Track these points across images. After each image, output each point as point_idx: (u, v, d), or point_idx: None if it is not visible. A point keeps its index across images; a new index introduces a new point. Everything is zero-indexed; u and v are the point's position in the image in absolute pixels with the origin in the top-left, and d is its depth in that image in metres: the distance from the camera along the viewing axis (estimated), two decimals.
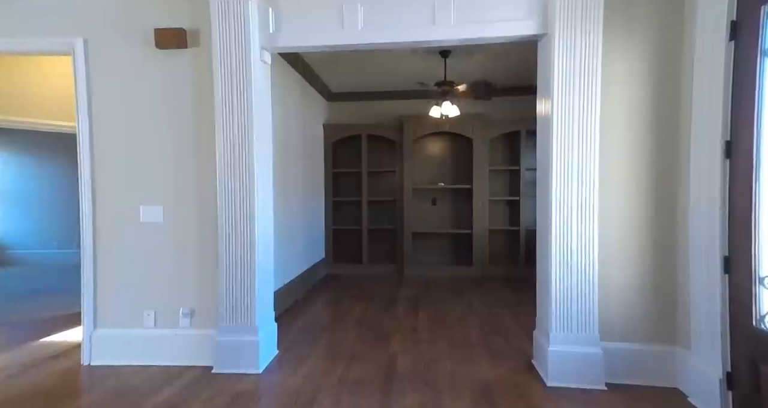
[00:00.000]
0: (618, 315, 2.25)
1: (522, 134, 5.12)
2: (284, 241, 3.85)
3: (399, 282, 4.93)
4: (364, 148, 5.35)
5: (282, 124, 3.81)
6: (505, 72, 4.64)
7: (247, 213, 2.39)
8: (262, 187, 2.48)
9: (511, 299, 4.12)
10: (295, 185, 4.22)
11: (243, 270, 2.38)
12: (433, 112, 4.07)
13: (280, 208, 3.72)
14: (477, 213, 5.18)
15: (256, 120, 2.40)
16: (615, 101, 2.27)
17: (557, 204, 2.27)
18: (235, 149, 2.38)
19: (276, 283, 3.54)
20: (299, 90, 4.39)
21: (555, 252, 2.27)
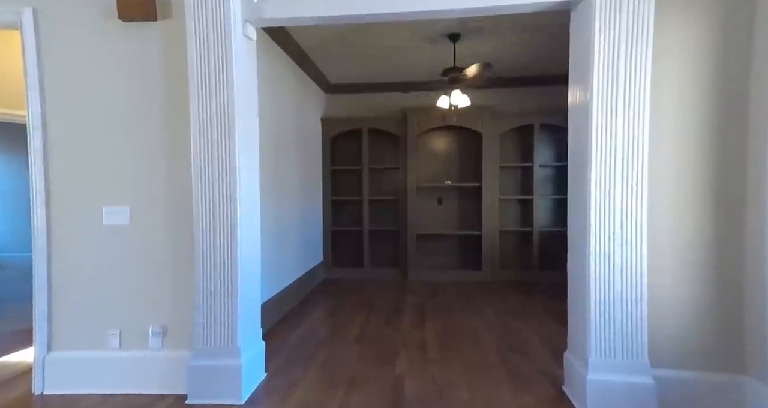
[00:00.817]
0: (672, 337, 1.88)
1: (535, 128, 4.74)
2: (277, 244, 3.48)
3: (403, 287, 4.56)
4: (365, 144, 4.98)
5: (274, 117, 3.45)
6: (520, 59, 4.26)
7: (228, 214, 2.02)
8: (246, 185, 2.12)
9: (526, 308, 3.75)
10: (289, 183, 3.85)
11: (223, 281, 2.02)
12: (441, 102, 3.70)
13: (272, 209, 3.35)
14: (486, 213, 4.81)
15: (239, 106, 2.03)
16: (668, 83, 1.89)
17: (597, 204, 1.90)
18: (213, 140, 2.01)
19: (267, 293, 3.18)
20: (294, 80, 4.02)
21: (594, 260, 1.90)
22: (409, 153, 4.88)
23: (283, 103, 3.72)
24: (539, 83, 4.90)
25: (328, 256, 5.07)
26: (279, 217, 3.55)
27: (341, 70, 4.65)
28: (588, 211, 1.92)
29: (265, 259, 3.19)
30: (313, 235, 4.72)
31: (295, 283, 3.94)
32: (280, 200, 3.59)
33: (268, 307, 3.18)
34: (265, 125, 3.27)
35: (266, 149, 3.28)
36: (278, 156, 3.56)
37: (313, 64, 4.41)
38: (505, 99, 4.96)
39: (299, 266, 4.12)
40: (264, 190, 3.19)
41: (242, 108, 2.07)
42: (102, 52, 2.08)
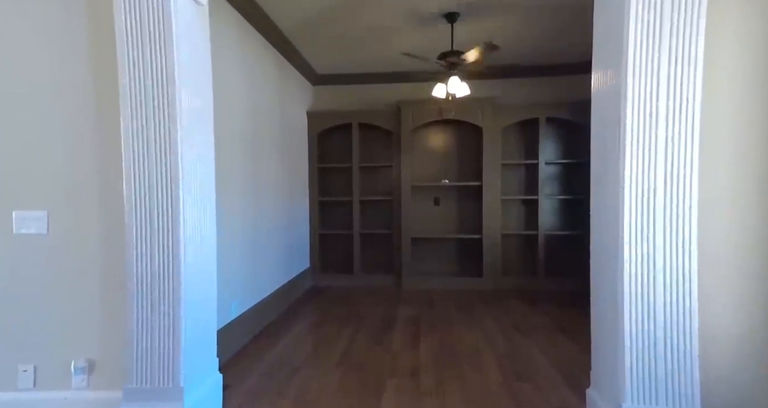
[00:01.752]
0: (724, 378, 1.48)
1: (541, 122, 4.34)
2: (254, 251, 3.07)
3: (397, 297, 4.16)
4: (355, 140, 4.57)
5: (250, 108, 3.04)
6: (524, 45, 3.85)
7: (168, 220, 1.61)
8: (195, 185, 1.71)
9: (533, 321, 3.35)
10: (269, 183, 3.44)
11: (161, 302, 1.61)
12: (437, 91, 3.29)
13: (247, 212, 2.94)
14: (487, 215, 4.40)
15: (183, 86, 1.62)
16: (726, 60, 1.49)
17: (632, 209, 1.50)
18: (149, 129, 1.60)
19: (241, 306, 2.78)
20: (275, 69, 3.61)
21: (628, 278, 1.50)
22: (404, 149, 4.47)
23: (263, 94, 3.31)
24: (546, 73, 4.49)
25: (316, 261, 4.67)
26: (256, 221, 3.14)
27: (328, 58, 4.24)
28: (620, 218, 1.52)
29: (238, 268, 2.79)
30: (299, 239, 4.32)
31: (277, 292, 3.53)
32: (258, 201, 3.18)
33: (240, 322, 2.77)
34: (239, 117, 2.86)
35: (240, 144, 2.88)
36: (256, 152, 3.15)
37: (297, 52, 4.00)
38: (508, 90, 4.55)
39: (281, 274, 3.71)
40: (237, 190, 2.79)
41: (188, 88, 1.66)
42: (7, 15, 1.67)
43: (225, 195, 2.63)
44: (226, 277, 2.63)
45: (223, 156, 2.62)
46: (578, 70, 4.42)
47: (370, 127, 4.63)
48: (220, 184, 2.56)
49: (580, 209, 4.38)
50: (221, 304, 2.55)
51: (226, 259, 2.64)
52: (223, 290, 2.58)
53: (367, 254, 4.77)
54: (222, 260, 2.56)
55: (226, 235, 2.65)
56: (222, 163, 2.59)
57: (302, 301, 3.99)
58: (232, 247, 2.73)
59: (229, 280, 2.68)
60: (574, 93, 4.46)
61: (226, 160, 2.65)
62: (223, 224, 2.58)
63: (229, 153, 2.70)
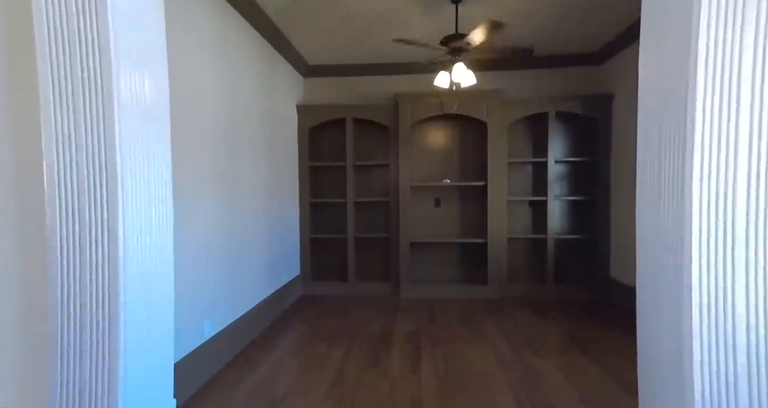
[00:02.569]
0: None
1: (550, 116, 4.00)
2: (231, 261, 2.71)
3: (394, 307, 3.81)
4: (349, 136, 4.22)
5: (228, 100, 2.67)
6: (534, 32, 3.51)
7: (101, 231, 1.25)
8: (142, 187, 1.35)
9: (546, 337, 3.01)
10: (251, 183, 3.08)
11: (93, 350, 1.25)
12: (440, 80, 2.94)
13: (222, 217, 2.58)
14: (492, 217, 4.06)
15: (121, 75, 1.26)
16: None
17: (704, 228, 1.15)
18: (78, 122, 1.24)
19: (215, 326, 2.42)
20: (260, 57, 3.25)
21: (698, 308, 1.15)
22: (402, 147, 4.12)
23: (244, 85, 2.95)
24: (555, 64, 4.15)
25: (307, 268, 4.31)
26: (235, 226, 2.78)
27: (320, 47, 3.88)
28: (686, 234, 1.17)
29: (212, 282, 2.43)
30: (288, 244, 3.95)
31: (260, 306, 3.17)
32: (237, 204, 2.82)
33: (214, 344, 2.41)
34: (214, 109, 2.50)
35: (215, 140, 2.51)
36: (235, 149, 2.79)
37: (285, 40, 3.64)
38: (515, 82, 4.21)
39: (266, 285, 3.35)
40: (211, 192, 2.43)
41: (132, 72, 1.30)
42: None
43: (194, 197, 2.27)
44: (196, 293, 2.27)
45: (193, 153, 2.26)
46: (592, 59, 4.09)
47: (366, 123, 4.27)
48: (188, 185, 2.20)
49: (593, 211, 4.05)
50: (191, 324, 2.20)
51: (196, 272, 2.28)
52: (193, 308, 2.22)
53: (363, 260, 4.42)
54: (191, 273, 2.20)
55: (197, 243, 2.29)
56: (191, 161, 2.23)
57: (290, 314, 3.63)
58: (204, 257, 2.37)
59: (201, 295, 2.32)
60: (587, 85, 4.13)
61: (196, 158, 2.28)
62: (192, 231, 2.22)
63: (200, 149, 2.34)
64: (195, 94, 2.29)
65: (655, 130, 1.37)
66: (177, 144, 2.10)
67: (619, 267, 3.83)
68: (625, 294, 3.66)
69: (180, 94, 2.12)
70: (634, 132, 3.45)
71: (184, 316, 2.15)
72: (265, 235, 3.37)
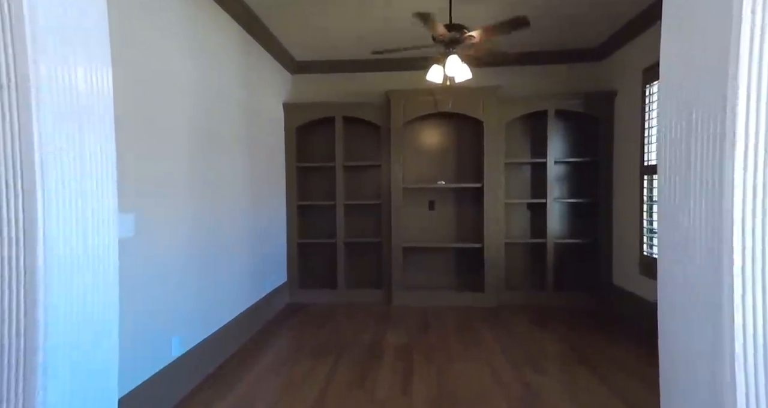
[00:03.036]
0: None
1: (549, 115, 3.81)
2: (205, 269, 2.48)
3: (386, 316, 3.59)
4: (338, 135, 4.00)
5: (201, 96, 2.45)
6: (534, 26, 3.30)
7: (15, 239, 1.02)
8: (72, 192, 1.13)
9: (548, 350, 2.81)
10: (229, 186, 2.86)
11: (7, 370, 1.02)
12: (433, 74, 2.73)
13: (195, 221, 2.36)
14: (489, 221, 3.86)
15: (41, 61, 1.04)
16: None
17: (747, 236, 0.94)
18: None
19: (185, 344, 2.19)
20: (241, 51, 3.03)
21: (741, 329, 0.94)
22: (394, 146, 3.91)
23: (222, 80, 2.73)
24: (555, 60, 3.97)
25: (294, 275, 4.08)
26: (210, 231, 2.55)
27: (309, 43, 3.66)
28: (725, 243, 0.96)
29: (181, 294, 2.20)
30: (273, 249, 3.73)
31: (239, 318, 2.94)
32: (212, 208, 2.59)
33: (183, 363, 2.19)
34: (184, 105, 2.28)
35: (185, 138, 2.29)
36: (211, 147, 2.57)
37: (270, 34, 3.43)
38: (513, 79, 4.01)
39: (246, 294, 3.12)
40: (179, 195, 2.20)
41: (58, 59, 1.08)
42: None
43: (162, 199, 2.05)
44: (162, 307, 2.04)
45: (160, 151, 2.04)
46: (593, 55, 3.91)
47: (356, 121, 4.06)
48: (154, 187, 1.98)
49: (595, 214, 3.86)
50: (155, 342, 1.97)
51: (163, 284, 2.05)
52: (157, 324, 2.00)
53: (353, 266, 4.20)
54: (157, 286, 1.98)
55: (165, 251, 2.06)
56: (157, 160, 2.00)
57: (274, 324, 3.40)
58: (173, 266, 2.14)
59: (169, 309, 2.09)
60: (588, 82, 3.94)
61: (164, 157, 2.06)
62: (159, 237, 2.00)
63: (170, 147, 2.12)
64: (163, 88, 2.07)
65: (683, 122, 1.16)
66: (141, 142, 1.88)
67: (622, 273, 3.63)
68: (628, 301, 3.46)
69: (144, 87, 1.90)
70: (638, 130, 3.24)
71: (147, 334, 1.92)
72: (248, 240, 3.15)
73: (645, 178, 3.20)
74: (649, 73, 3.14)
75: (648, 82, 3.15)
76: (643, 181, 3.22)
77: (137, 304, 1.85)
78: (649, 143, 3.17)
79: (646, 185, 3.20)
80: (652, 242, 3.17)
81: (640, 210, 3.26)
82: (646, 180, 3.20)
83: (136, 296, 1.84)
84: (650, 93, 3.15)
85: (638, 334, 3.06)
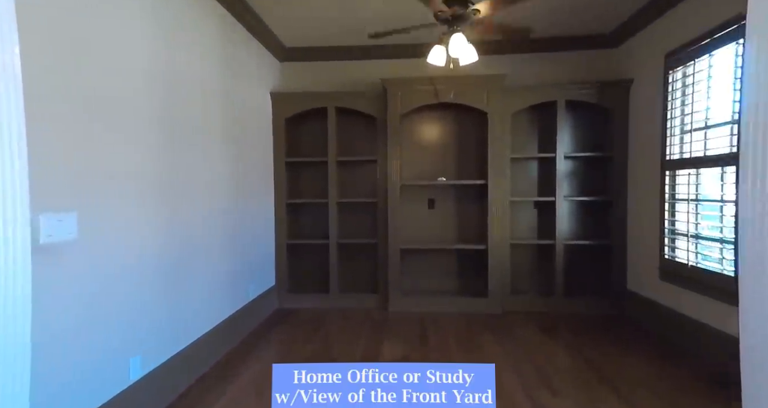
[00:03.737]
0: None
1: (559, 106, 3.51)
2: (173, 277, 2.18)
3: (382, 324, 3.30)
4: (331, 128, 3.70)
5: (169, 80, 2.14)
6: (543, 9, 2.99)
7: None
8: None
9: (560, 365, 2.52)
10: (205, 181, 2.55)
11: None
12: (434, 56, 2.42)
13: (161, 222, 2.06)
14: (494, 220, 3.56)
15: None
16: None
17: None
18: None
19: (148, 364, 1.89)
20: (221, 34, 2.73)
21: None
22: (391, 140, 3.61)
23: (194, 59, 2.42)
24: (566, 46, 3.67)
25: (283, 279, 3.78)
26: (178, 235, 2.24)
27: (295, 24, 3.35)
28: None
29: (142, 306, 1.90)
30: (259, 252, 3.43)
31: (217, 330, 2.64)
32: (181, 207, 2.28)
33: (144, 387, 1.88)
34: (146, 91, 1.97)
35: (145, 126, 1.98)
36: (179, 138, 2.26)
37: (256, 17, 3.12)
38: (520, 67, 3.71)
39: (226, 302, 2.82)
40: (137, 192, 1.90)
41: None
42: None
43: (114, 199, 1.74)
44: (115, 321, 1.74)
45: (111, 142, 1.73)
46: (607, 41, 3.61)
47: (350, 113, 3.76)
48: (104, 184, 1.67)
49: (608, 214, 3.57)
50: (109, 364, 1.68)
51: (117, 297, 1.75)
52: (111, 343, 1.70)
53: (347, 269, 3.90)
54: (109, 300, 1.68)
55: (119, 259, 1.76)
56: (107, 153, 1.70)
57: (259, 335, 3.10)
58: (130, 275, 1.84)
59: (124, 324, 1.79)
60: (602, 70, 3.64)
61: (111, 148, 1.75)
62: (110, 244, 1.70)
63: (118, 138, 1.80)
64: (113, 68, 1.76)
65: None
66: (82, 129, 1.57)
67: (637, 277, 3.35)
68: (644, 308, 3.18)
69: (88, 67, 1.60)
70: (658, 122, 2.90)
71: (96, 355, 1.62)
72: (229, 242, 2.84)
73: (667, 173, 2.90)
74: (671, 58, 2.84)
75: (671, 68, 2.85)
76: (665, 178, 2.92)
77: (82, 319, 1.55)
78: (671, 135, 2.88)
79: (669, 181, 2.90)
80: (674, 244, 2.88)
81: (661, 209, 2.97)
82: (669, 176, 2.90)
83: (80, 310, 1.54)
84: (673, 80, 2.85)
85: (658, 345, 2.77)
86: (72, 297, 1.51)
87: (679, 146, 2.84)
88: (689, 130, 2.72)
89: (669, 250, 2.92)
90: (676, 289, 2.84)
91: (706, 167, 2.58)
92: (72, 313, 1.51)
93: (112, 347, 1.72)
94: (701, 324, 2.58)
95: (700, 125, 2.63)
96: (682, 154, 2.81)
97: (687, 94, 2.74)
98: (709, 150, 2.57)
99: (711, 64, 2.53)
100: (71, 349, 1.50)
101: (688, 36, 2.66)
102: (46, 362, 1.36)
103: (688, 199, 2.69)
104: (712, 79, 2.53)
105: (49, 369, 1.40)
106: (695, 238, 2.66)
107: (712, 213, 2.59)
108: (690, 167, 2.70)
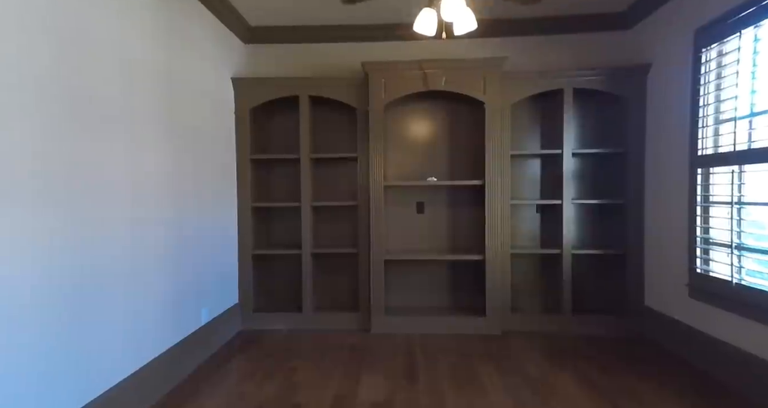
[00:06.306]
0: None
1: (566, 95, 3.04)
2: (77, 310, 1.63)
3: (362, 352, 2.77)
4: (304, 119, 3.18)
5: (60, 43, 1.60)
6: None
7: None
8: None
9: (577, 404, 2.03)
10: (135, 180, 2.01)
11: None
12: (422, 22, 1.91)
13: (56, 237, 1.51)
14: (492, 227, 3.07)
15: None
16: None
17: None
18: None
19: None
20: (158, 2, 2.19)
21: None
22: (374, 134, 3.10)
23: (113, 25, 1.88)
24: (573, 28, 3.21)
25: (248, 296, 3.23)
26: (84, 258, 1.70)
27: (266, 2, 2.84)
28: None
29: (15, 360, 1.34)
30: (217, 266, 2.88)
31: (149, 369, 2.09)
32: (88, 215, 1.74)
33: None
34: (39, 62, 1.43)
35: (32, 105, 1.44)
36: (86, 127, 1.72)
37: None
38: (522, 51, 3.24)
39: (164, 334, 2.27)
40: (19, 199, 1.35)
41: None
42: None
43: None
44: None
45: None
46: (619, 22, 3.16)
47: (327, 102, 3.25)
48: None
49: (622, 219, 3.10)
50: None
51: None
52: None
53: (323, 284, 3.38)
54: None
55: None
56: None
57: (209, 369, 2.55)
58: (7, 312, 1.29)
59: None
60: (614, 54, 3.19)
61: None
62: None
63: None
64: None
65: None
66: None
67: (658, 293, 2.88)
68: (668, 330, 2.72)
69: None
70: (685, 111, 2.36)
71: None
72: (168, 258, 2.30)
73: (699, 171, 2.45)
74: (704, 34, 2.39)
75: (705, 46, 2.40)
76: (696, 176, 2.46)
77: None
78: (704, 126, 2.42)
79: (701, 181, 2.44)
80: (708, 256, 2.42)
81: (690, 214, 2.51)
82: (701, 174, 2.44)
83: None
84: (707, 59, 2.40)
85: (692, 377, 2.31)
86: None
87: (713, 139, 2.39)
88: (728, 120, 2.27)
89: (701, 263, 2.46)
90: (711, 309, 2.37)
91: (752, 163, 2.13)
92: None
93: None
94: (746, 353, 2.12)
95: (743, 113, 2.18)
96: (717, 148, 2.36)
97: (724, 76, 2.29)
98: (754, 142, 2.12)
99: (758, 37, 2.08)
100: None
101: (727, 5, 2.21)
102: None
103: (731, 202, 2.22)
104: (759, 56, 2.09)
105: None
106: (738, 248, 2.20)
107: (759, 218, 2.14)
108: (730, 164, 2.24)
